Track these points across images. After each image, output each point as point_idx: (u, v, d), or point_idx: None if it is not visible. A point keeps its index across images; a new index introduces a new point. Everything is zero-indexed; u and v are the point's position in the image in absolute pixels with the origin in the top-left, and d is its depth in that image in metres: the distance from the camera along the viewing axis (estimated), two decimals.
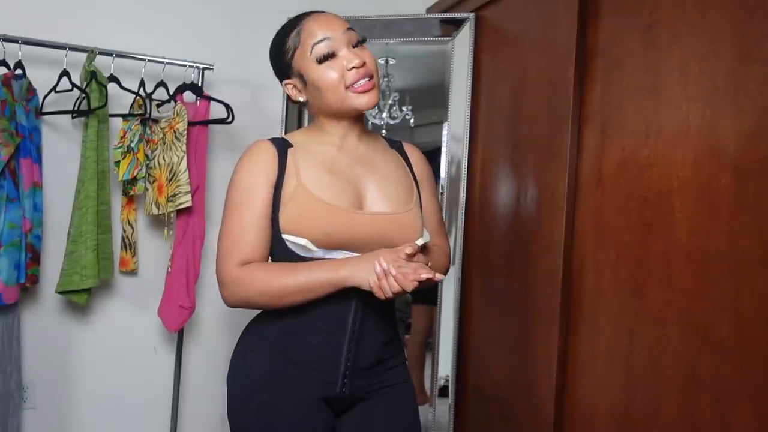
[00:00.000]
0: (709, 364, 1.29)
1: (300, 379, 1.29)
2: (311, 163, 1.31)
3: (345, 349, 1.29)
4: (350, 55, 1.29)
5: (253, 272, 1.26)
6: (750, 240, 1.22)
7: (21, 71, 1.96)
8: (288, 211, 1.26)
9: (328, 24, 1.31)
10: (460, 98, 2.12)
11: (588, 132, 1.65)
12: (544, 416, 1.69)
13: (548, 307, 1.70)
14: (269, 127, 2.35)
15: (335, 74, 1.28)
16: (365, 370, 1.32)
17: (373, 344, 1.32)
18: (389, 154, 1.43)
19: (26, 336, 2.10)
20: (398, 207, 1.32)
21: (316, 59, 1.29)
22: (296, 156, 1.31)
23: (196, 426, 2.42)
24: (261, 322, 1.35)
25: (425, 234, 1.36)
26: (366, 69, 1.29)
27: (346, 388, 1.31)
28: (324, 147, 1.35)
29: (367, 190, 1.32)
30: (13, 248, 1.87)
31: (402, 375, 1.41)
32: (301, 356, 1.30)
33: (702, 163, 1.32)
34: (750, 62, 1.24)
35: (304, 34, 1.31)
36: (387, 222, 1.29)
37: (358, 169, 1.34)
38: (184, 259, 2.17)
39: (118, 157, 2.10)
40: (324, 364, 1.30)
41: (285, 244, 1.27)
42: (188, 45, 2.31)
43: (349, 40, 1.30)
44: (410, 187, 1.38)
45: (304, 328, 1.29)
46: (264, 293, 1.25)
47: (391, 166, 1.39)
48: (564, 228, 1.66)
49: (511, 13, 1.99)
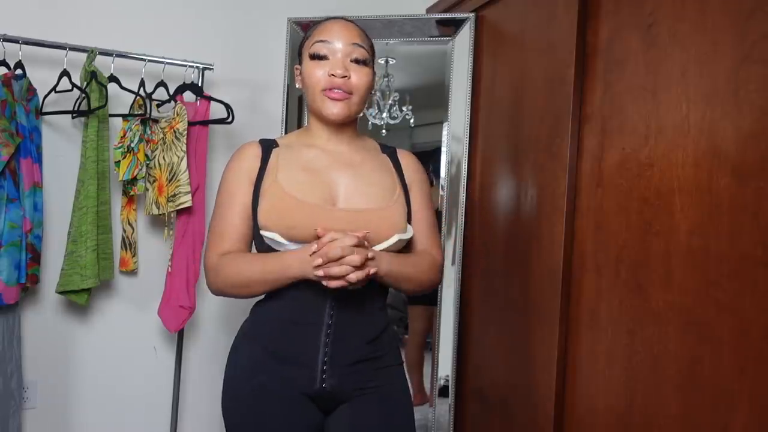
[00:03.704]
0: (709, 364, 1.29)
1: (282, 373, 1.31)
2: (291, 162, 1.36)
3: (321, 344, 1.30)
4: (338, 64, 1.34)
5: (226, 263, 1.33)
6: (750, 240, 1.22)
7: (21, 71, 1.96)
8: (262, 207, 1.32)
9: (338, 31, 1.36)
10: (460, 98, 2.12)
11: (588, 132, 1.65)
12: (544, 416, 1.69)
13: (548, 307, 1.70)
14: (269, 127, 2.35)
15: (318, 74, 1.34)
16: (346, 366, 1.32)
17: (353, 340, 1.32)
18: (377, 158, 1.45)
19: (26, 336, 2.10)
20: (374, 204, 1.34)
21: (310, 55, 1.36)
22: (279, 155, 1.38)
23: (196, 426, 2.42)
24: (252, 315, 1.42)
25: (408, 231, 1.36)
26: (346, 83, 1.33)
27: (326, 384, 1.31)
28: (308, 148, 1.40)
29: (342, 188, 1.35)
30: (13, 248, 1.87)
31: (395, 376, 1.40)
32: (281, 350, 1.32)
33: (702, 163, 1.33)
34: (750, 63, 1.24)
35: (317, 29, 1.39)
36: (359, 217, 1.31)
37: (336, 169, 1.37)
38: (184, 259, 2.17)
39: (118, 157, 2.10)
40: (302, 358, 1.31)
41: (262, 238, 1.32)
42: (188, 45, 2.31)
43: (349, 52, 1.35)
44: (392, 188, 1.39)
45: (283, 321, 1.33)
46: (233, 283, 1.33)
47: (375, 167, 1.41)
48: (564, 228, 1.66)
49: (511, 13, 1.99)
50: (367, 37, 1.41)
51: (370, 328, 1.35)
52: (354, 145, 1.43)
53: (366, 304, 1.34)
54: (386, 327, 1.40)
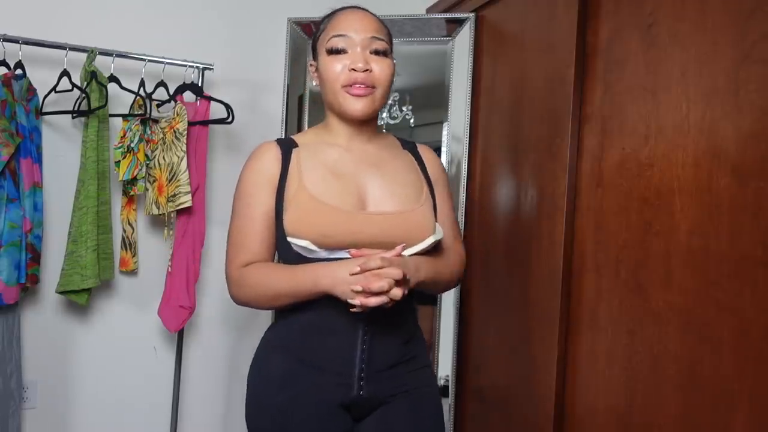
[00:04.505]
0: (709, 364, 1.29)
1: (316, 383, 1.26)
2: (315, 164, 1.30)
3: (358, 350, 1.26)
4: (358, 57, 1.26)
5: (250, 274, 1.27)
6: (750, 240, 1.22)
7: (21, 71, 1.96)
8: (290, 213, 1.25)
9: (354, 23, 1.29)
10: (460, 98, 2.12)
11: (588, 132, 1.65)
12: (544, 416, 1.69)
13: (548, 307, 1.70)
14: (269, 127, 2.35)
15: (337, 69, 1.27)
16: (383, 371, 1.28)
17: (389, 344, 1.28)
18: (400, 154, 1.39)
19: (26, 336, 2.10)
20: (404, 206, 1.28)
21: (327, 50, 1.29)
22: (300, 156, 1.30)
23: (196, 426, 2.42)
24: (281, 320, 1.35)
25: (438, 231, 1.31)
26: (367, 76, 1.26)
27: (364, 392, 1.26)
28: (331, 147, 1.33)
29: (371, 191, 1.29)
30: (13, 248, 1.87)
31: (426, 378, 1.36)
32: (315, 358, 1.27)
33: (702, 163, 1.33)
34: (750, 63, 1.24)
35: (331, 22, 1.31)
36: (391, 221, 1.26)
37: (363, 170, 1.31)
38: (184, 259, 2.17)
39: (118, 157, 2.10)
40: (338, 366, 1.26)
41: (289, 245, 1.26)
42: (188, 45, 2.31)
43: (369, 44, 1.28)
44: (419, 186, 1.34)
45: (317, 328, 1.27)
46: (260, 295, 1.27)
47: (400, 166, 1.35)
48: (564, 228, 1.66)
49: (511, 13, 1.99)
50: (384, 25, 1.34)
51: (405, 329, 1.32)
52: (376, 143, 1.37)
53: (400, 306, 1.26)
54: (417, 327, 1.37)
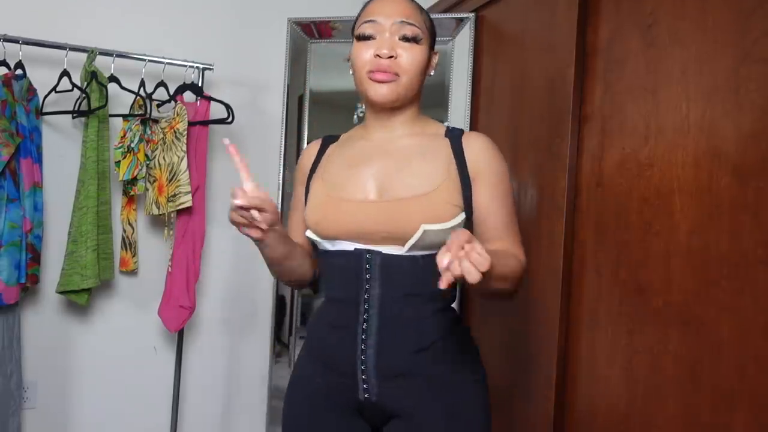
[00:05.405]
0: (709, 364, 1.28)
1: (330, 381, 1.24)
2: (339, 158, 1.32)
3: (358, 351, 1.20)
4: (384, 43, 1.22)
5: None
6: (750, 240, 1.22)
7: (21, 71, 1.96)
8: (306, 206, 1.31)
9: (385, 7, 1.24)
10: (460, 98, 2.12)
11: (588, 132, 1.64)
12: (544, 416, 1.69)
13: (548, 307, 1.70)
14: (269, 127, 2.35)
15: (365, 55, 1.23)
16: (390, 378, 1.19)
17: (395, 349, 1.19)
18: (432, 143, 1.27)
19: (26, 336, 2.10)
20: (400, 196, 1.20)
21: (356, 36, 1.26)
22: (333, 151, 1.35)
23: (196, 426, 2.42)
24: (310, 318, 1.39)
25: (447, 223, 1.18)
26: (392, 62, 1.21)
27: (371, 395, 1.20)
28: (362, 141, 1.31)
29: (376, 181, 1.24)
30: (13, 248, 1.87)
31: (468, 393, 1.24)
32: (324, 357, 1.26)
33: (702, 163, 1.32)
34: (750, 62, 1.24)
35: (366, 8, 1.28)
36: (390, 208, 1.20)
37: (376, 159, 1.26)
38: (185, 259, 2.17)
39: (118, 157, 2.10)
40: (342, 365, 1.22)
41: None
42: (188, 45, 2.31)
43: (397, 30, 1.23)
44: (434, 177, 1.21)
45: (324, 325, 1.27)
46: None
47: (420, 155, 1.25)
48: (564, 228, 1.66)
49: (511, 13, 1.99)
50: (421, 11, 1.27)
51: (419, 335, 1.20)
52: (407, 130, 1.29)
53: (411, 307, 1.20)
54: (446, 334, 1.22)
